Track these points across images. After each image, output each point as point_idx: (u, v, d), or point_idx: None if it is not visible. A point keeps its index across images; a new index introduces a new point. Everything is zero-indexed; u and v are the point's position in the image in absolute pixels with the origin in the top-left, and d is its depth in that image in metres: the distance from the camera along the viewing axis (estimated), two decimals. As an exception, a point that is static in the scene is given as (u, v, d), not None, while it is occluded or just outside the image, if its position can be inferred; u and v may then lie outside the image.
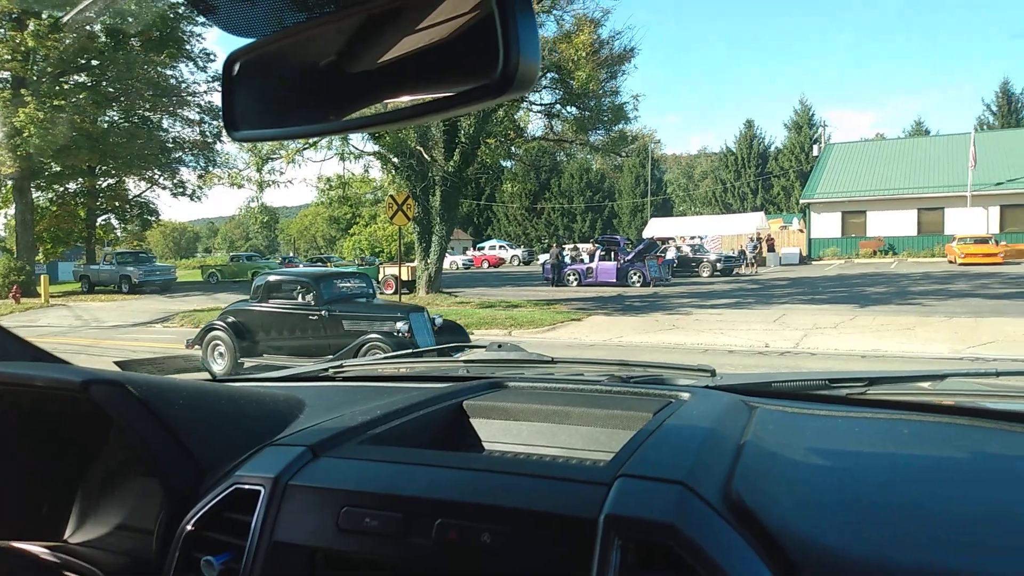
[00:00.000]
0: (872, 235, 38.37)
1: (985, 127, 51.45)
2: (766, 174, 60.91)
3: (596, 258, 27.14)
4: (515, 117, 22.51)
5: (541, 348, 9.67)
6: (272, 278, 10.35)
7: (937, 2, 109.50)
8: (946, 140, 42.41)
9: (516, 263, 50.81)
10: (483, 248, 53.65)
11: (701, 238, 38.21)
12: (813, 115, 59.86)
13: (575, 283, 26.64)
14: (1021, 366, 9.05)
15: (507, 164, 27.07)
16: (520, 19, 0.57)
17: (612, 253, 26.66)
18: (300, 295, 9.78)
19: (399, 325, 9.06)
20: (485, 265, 49.57)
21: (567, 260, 29.05)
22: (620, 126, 23.41)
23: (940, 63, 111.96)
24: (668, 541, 0.79)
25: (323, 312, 9.45)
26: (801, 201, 42.51)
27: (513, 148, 24.17)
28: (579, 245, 41.49)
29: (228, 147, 31.23)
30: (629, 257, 26.20)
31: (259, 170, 22.52)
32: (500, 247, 53.62)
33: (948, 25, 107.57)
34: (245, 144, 20.74)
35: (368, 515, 0.93)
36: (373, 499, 0.95)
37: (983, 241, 30.46)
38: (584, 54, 19.07)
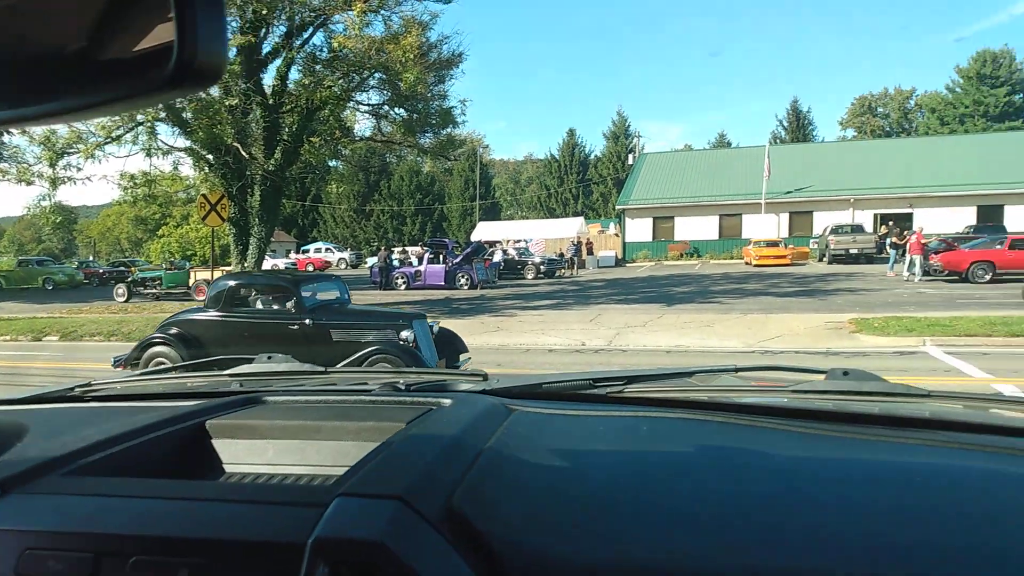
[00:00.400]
0: (680, 239, 41.45)
1: (778, 141, 57.22)
2: (587, 181, 63.90)
3: (425, 261, 27.15)
4: (341, 116, 22.03)
5: (360, 352, 9.25)
6: (236, 282, 9.06)
7: (735, 23, 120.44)
8: (744, 152, 46.72)
9: (343, 266, 49.64)
10: (308, 251, 51.92)
11: (526, 241, 39.41)
12: (629, 126, 63.83)
13: (403, 286, 26.51)
14: (761, 360, 10.16)
15: (335, 164, 26.42)
16: (200, 12, 0.53)
17: (441, 256, 26.80)
18: (275, 302, 8.70)
19: (405, 334, 8.14)
20: (310, 268, 48.07)
21: (396, 263, 28.86)
22: (448, 130, 23.57)
23: (741, 80, 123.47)
24: (376, 560, 0.76)
25: (306, 321, 8.33)
26: (617, 207, 45.02)
27: (340, 148, 23.63)
28: (408, 248, 41.36)
29: (16, 139, 28.00)
30: (457, 260, 26.45)
31: (52, 165, 20.33)
32: (326, 250, 52.16)
33: (743, 45, 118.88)
34: (36, 135, 18.69)
35: (53, 557, 0.83)
36: (61, 539, 0.85)
37: (774, 244, 33.73)
38: (412, 56, 19.02)
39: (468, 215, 62.28)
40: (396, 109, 22.06)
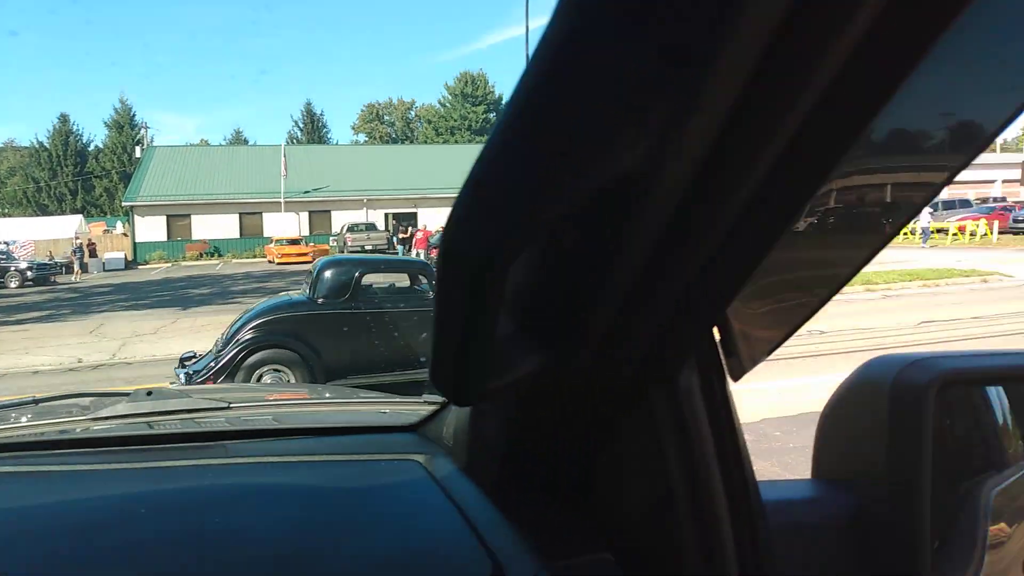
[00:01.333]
0: (198, 238, 39.51)
1: (295, 141, 58.40)
2: (87, 174, 56.54)
3: None
4: None
5: None
6: (363, 269, 7.81)
7: (251, 18, 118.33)
8: (262, 150, 46.55)
9: None
10: None
11: (8, 244, 33.42)
12: (135, 115, 58.24)
13: None
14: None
15: None
16: None
17: None
18: (408, 288, 7.98)
19: None
20: None
21: None
22: None
23: (258, 78, 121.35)
24: None
25: None
26: (124, 204, 40.97)
27: None
28: None
29: None
30: (-98, 270, 21.11)
31: None
32: None
33: (260, 41, 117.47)
34: None
35: None
36: None
37: (295, 242, 34.54)
38: None
39: (-80, 212, 49.78)
40: None
